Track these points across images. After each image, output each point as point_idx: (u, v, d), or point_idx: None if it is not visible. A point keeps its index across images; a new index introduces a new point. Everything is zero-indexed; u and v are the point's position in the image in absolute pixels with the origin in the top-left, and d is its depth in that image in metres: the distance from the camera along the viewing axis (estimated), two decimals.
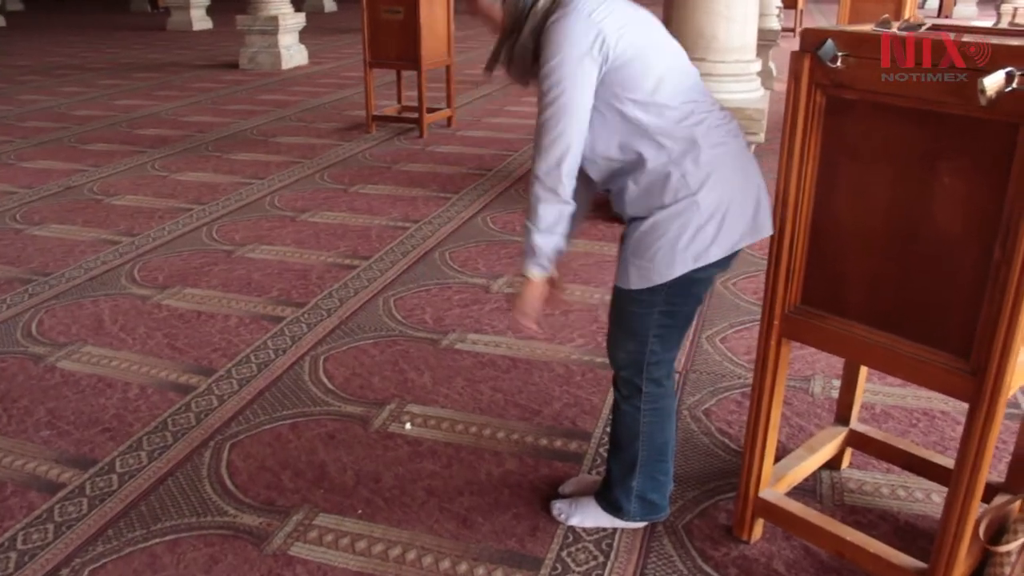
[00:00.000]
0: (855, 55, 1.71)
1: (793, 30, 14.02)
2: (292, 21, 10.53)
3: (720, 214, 1.88)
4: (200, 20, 15.64)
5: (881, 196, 1.77)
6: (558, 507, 2.30)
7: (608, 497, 2.23)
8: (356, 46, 12.17)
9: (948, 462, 2.37)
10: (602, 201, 2.24)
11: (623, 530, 2.24)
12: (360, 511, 2.30)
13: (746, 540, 2.22)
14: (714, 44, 4.32)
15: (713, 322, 3.45)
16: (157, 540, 2.18)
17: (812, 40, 1.76)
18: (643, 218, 1.91)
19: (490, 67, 1.98)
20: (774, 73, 8.45)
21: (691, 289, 1.99)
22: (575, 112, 1.81)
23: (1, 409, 2.80)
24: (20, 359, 3.13)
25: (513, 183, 5.48)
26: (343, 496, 2.37)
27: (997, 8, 17.81)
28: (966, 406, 2.71)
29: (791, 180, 1.87)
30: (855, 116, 1.77)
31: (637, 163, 1.88)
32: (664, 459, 2.20)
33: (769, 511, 2.18)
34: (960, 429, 2.69)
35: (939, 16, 19.00)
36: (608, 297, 2.10)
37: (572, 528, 2.25)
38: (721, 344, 3.27)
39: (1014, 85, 1.51)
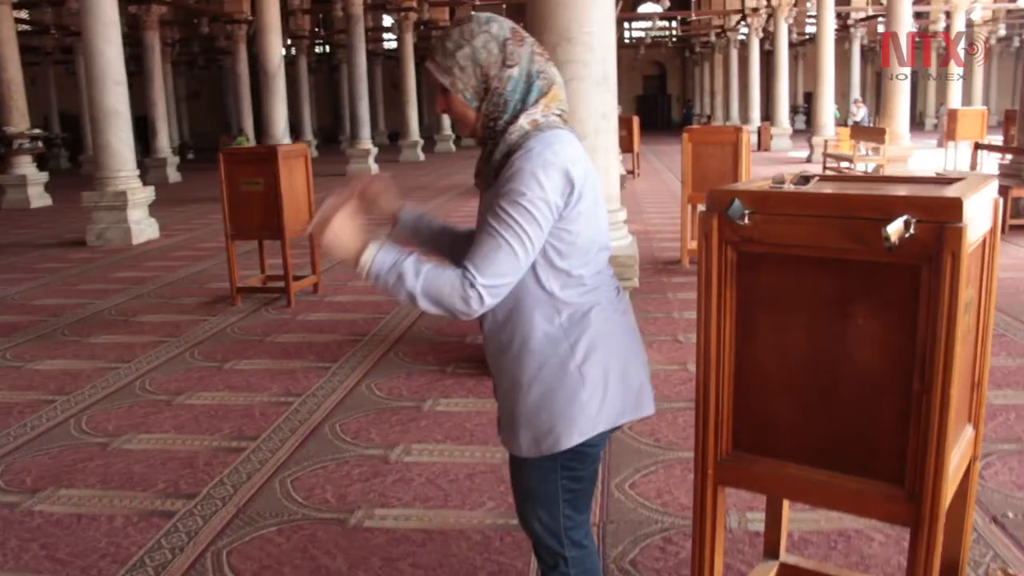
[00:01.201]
0: (760, 211, 1.83)
1: (633, 172, 14.93)
2: (141, 195, 10.32)
3: (603, 387, 1.91)
4: (39, 197, 15.09)
5: (800, 341, 1.86)
6: None
7: None
8: (208, 216, 12.05)
9: None
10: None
11: None
12: None
13: None
14: None
15: (619, 469, 3.46)
16: None
17: (719, 200, 1.87)
18: (523, 382, 1.90)
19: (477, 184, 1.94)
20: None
21: (586, 452, 1.99)
22: (530, 251, 1.77)
23: None
24: None
25: (391, 346, 5.44)
26: None
27: (809, 141, 19.71)
28: (879, 523, 2.83)
29: (711, 333, 1.94)
30: (766, 268, 1.88)
31: (530, 322, 1.87)
32: None
33: None
34: (875, 545, 2.81)
35: (759, 149, 20.76)
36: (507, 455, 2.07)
37: None
38: (631, 490, 3.28)
39: (911, 231, 1.65)
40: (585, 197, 1.82)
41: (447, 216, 12.01)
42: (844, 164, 15.24)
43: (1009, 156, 10.33)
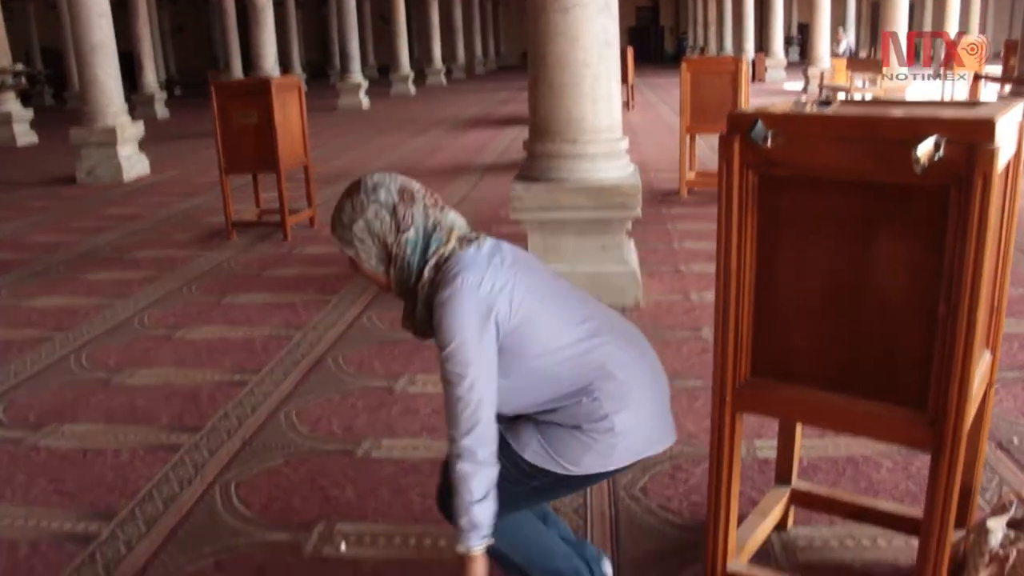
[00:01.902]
0: (784, 133, 1.77)
1: (627, 104, 14.74)
2: (131, 131, 10.13)
3: (629, 434, 1.90)
4: (24, 135, 14.82)
5: (822, 265, 1.83)
6: None
7: None
8: (199, 152, 11.88)
9: (889, 506, 2.45)
10: None
11: None
12: None
13: None
14: (583, 125, 4.43)
15: None
16: None
17: (741, 123, 1.81)
18: (549, 418, 1.92)
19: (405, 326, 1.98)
20: None
21: (576, 485, 2.01)
22: (484, 390, 1.79)
23: None
24: None
25: None
26: None
27: (804, 72, 19.44)
28: (886, 448, 2.84)
29: (731, 258, 1.89)
30: (789, 191, 1.83)
31: (550, 403, 1.90)
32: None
33: None
34: (883, 471, 2.82)
35: (754, 80, 20.48)
36: None
37: None
38: None
39: (941, 153, 1.61)
40: (516, 296, 1.83)
41: (439, 151, 11.87)
42: (840, 96, 15.06)
43: (1009, 87, 10.21)
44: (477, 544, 1.83)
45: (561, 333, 1.87)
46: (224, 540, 2.59)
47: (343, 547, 2.53)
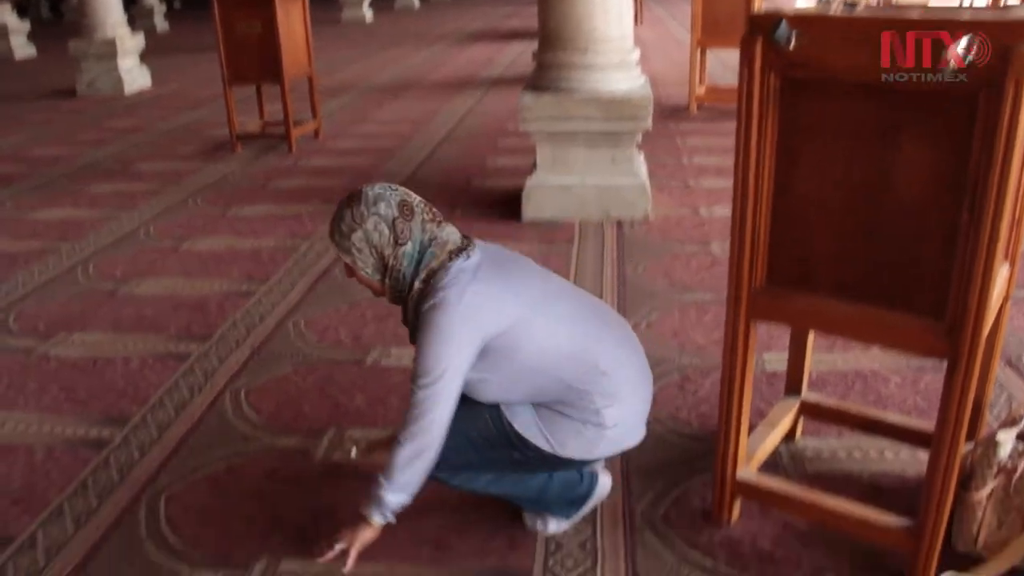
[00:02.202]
0: (808, 35, 1.71)
1: (637, 18, 14.39)
2: (131, 43, 9.92)
3: (616, 428, 1.97)
4: (22, 47, 14.53)
5: (843, 170, 1.78)
6: (530, 518, 2.22)
7: (561, 509, 2.21)
8: (200, 65, 11.66)
9: (898, 419, 2.45)
10: None
11: (603, 530, 2.19)
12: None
13: (727, 522, 2.21)
14: (594, 35, 4.32)
15: (634, 309, 3.45)
16: None
17: (764, 23, 1.74)
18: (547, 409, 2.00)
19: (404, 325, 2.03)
20: None
21: (557, 463, 2.03)
22: (449, 399, 1.85)
23: None
24: None
25: None
26: (302, 537, 2.21)
27: None
28: (894, 363, 2.83)
29: (749, 163, 1.85)
30: (812, 95, 1.77)
31: (542, 397, 1.96)
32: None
33: (748, 491, 2.18)
34: (892, 386, 2.82)
35: None
36: None
37: (552, 537, 2.18)
38: (647, 330, 3.28)
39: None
40: (504, 306, 1.88)
41: (443, 65, 11.64)
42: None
43: None
44: (376, 518, 1.96)
45: (552, 336, 1.91)
46: (235, 445, 2.61)
47: (353, 453, 2.54)
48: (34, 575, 2.10)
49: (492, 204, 4.95)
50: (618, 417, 1.96)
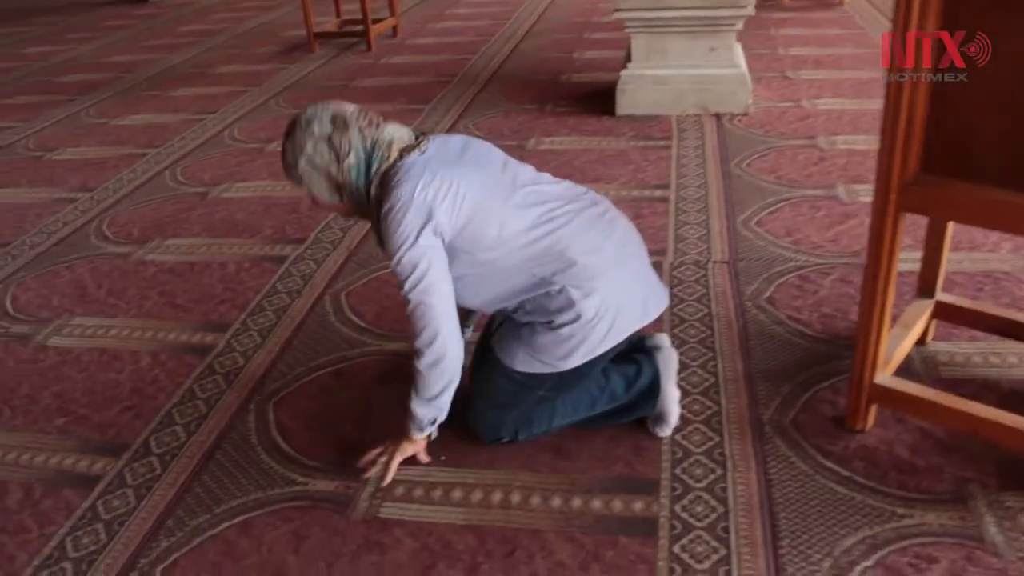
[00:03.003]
0: None
1: None
2: None
3: (606, 316, 1.86)
4: None
5: (1018, 44, 1.55)
6: (649, 424, 2.12)
7: (642, 406, 2.12)
8: None
9: None
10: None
11: (730, 438, 2.07)
12: (443, 456, 2.07)
13: (860, 429, 2.07)
14: None
15: (742, 207, 3.25)
16: (226, 524, 1.93)
17: None
18: (523, 331, 1.93)
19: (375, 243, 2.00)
20: None
21: (580, 375, 1.95)
22: (436, 290, 1.81)
23: (0, 402, 2.46)
24: (4, 342, 2.78)
25: (483, 87, 5.14)
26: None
27: None
28: None
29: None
30: None
31: (518, 295, 1.89)
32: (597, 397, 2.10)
33: (887, 396, 2.02)
34: None
35: None
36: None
37: (675, 441, 2.07)
38: (758, 228, 3.08)
39: None
40: (459, 199, 1.80)
41: None
42: None
43: None
44: (416, 434, 1.97)
45: (511, 223, 1.84)
46: (339, 350, 2.55)
47: None
48: (152, 482, 2.08)
49: (583, 99, 4.72)
50: (599, 306, 1.84)
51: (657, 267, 2.85)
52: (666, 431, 2.10)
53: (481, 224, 1.82)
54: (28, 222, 3.71)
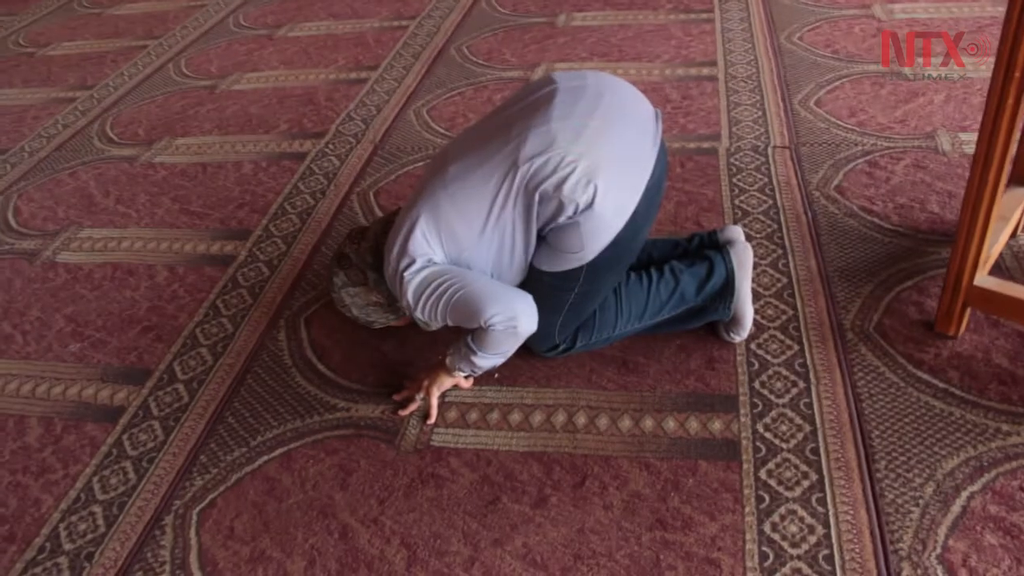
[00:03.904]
0: None
1: None
2: None
3: (608, 196, 1.58)
4: None
5: None
6: (722, 330, 1.93)
7: (715, 308, 1.91)
8: None
9: None
10: None
11: (811, 347, 1.88)
12: (497, 374, 1.89)
13: (953, 335, 1.87)
14: None
15: (797, 85, 2.96)
16: (265, 458, 1.77)
17: None
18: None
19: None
20: None
21: (610, 264, 1.70)
22: (468, 294, 1.63)
23: (10, 327, 2.29)
24: (10, 260, 2.58)
25: None
26: None
27: None
28: None
29: None
30: None
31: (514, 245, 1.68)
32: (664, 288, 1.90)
33: (987, 300, 1.81)
34: None
35: None
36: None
37: (751, 351, 1.88)
38: (818, 108, 2.81)
39: None
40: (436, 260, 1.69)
41: None
42: None
43: None
44: (459, 373, 1.81)
45: (472, 228, 1.63)
46: None
47: None
48: (179, 412, 1.92)
49: None
50: (599, 194, 1.57)
51: (712, 153, 2.62)
52: (742, 335, 1.91)
53: (454, 243, 1.66)
54: (25, 126, 3.46)
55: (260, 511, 1.65)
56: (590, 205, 1.56)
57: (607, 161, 1.58)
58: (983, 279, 1.81)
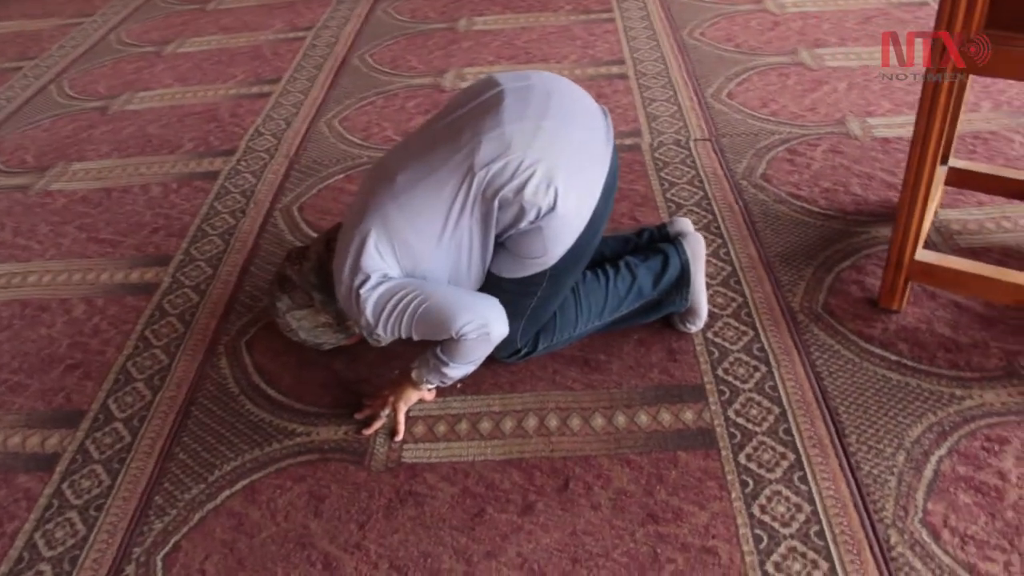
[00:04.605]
0: None
1: None
2: None
3: (568, 197, 1.55)
4: None
5: None
6: (677, 321, 1.94)
7: (672, 300, 1.91)
8: None
9: None
10: None
11: (765, 331, 1.91)
12: (459, 384, 1.84)
13: (896, 309, 1.94)
14: None
15: (707, 79, 3.03)
16: (227, 492, 1.66)
17: None
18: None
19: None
20: None
21: (571, 264, 1.67)
22: (430, 303, 1.57)
23: None
24: None
25: None
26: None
27: None
28: (1012, 122, 2.49)
29: None
30: None
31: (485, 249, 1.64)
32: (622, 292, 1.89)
33: (929, 273, 1.88)
34: (1017, 145, 2.49)
35: None
36: None
37: (708, 340, 1.90)
38: (731, 100, 2.88)
39: None
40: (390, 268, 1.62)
41: None
42: None
43: None
44: (427, 385, 1.75)
45: (427, 239, 1.57)
46: None
47: None
48: (123, 452, 1.78)
49: None
50: (556, 192, 1.53)
51: (636, 149, 2.64)
52: (698, 325, 1.92)
53: (409, 254, 1.59)
54: None
55: (231, 549, 1.55)
56: (552, 208, 1.53)
57: (565, 162, 1.55)
58: (923, 254, 1.88)
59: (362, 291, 1.56)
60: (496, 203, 1.52)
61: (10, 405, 1.94)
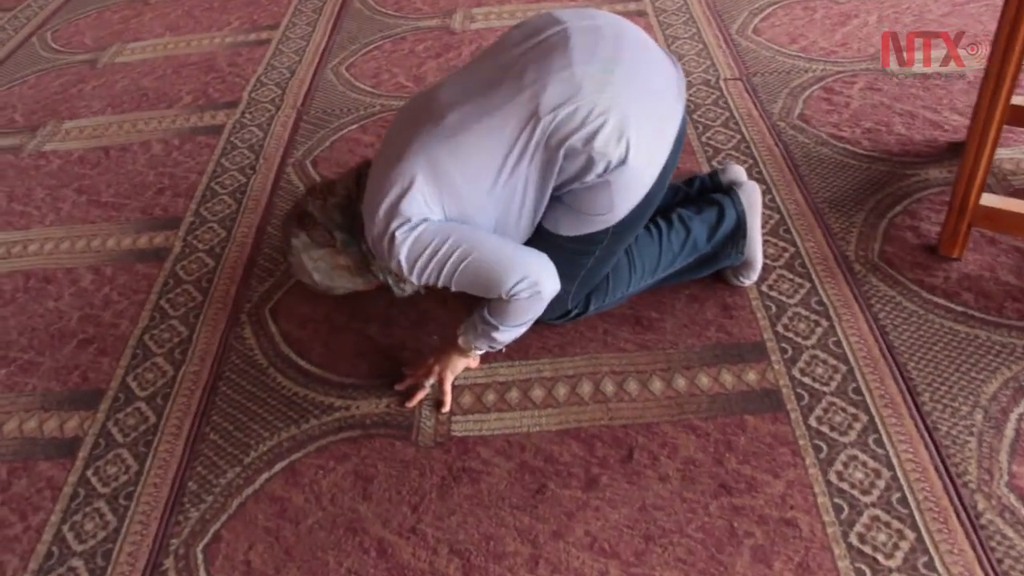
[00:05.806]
0: None
1: None
2: None
3: (640, 149, 1.43)
4: None
5: None
6: (730, 276, 1.83)
7: (728, 253, 1.80)
8: None
9: None
10: None
11: (822, 284, 1.80)
12: (504, 349, 1.72)
13: (957, 257, 1.83)
14: None
15: (730, 15, 2.88)
16: (265, 475, 1.56)
17: None
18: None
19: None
20: None
21: (633, 221, 1.55)
22: (473, 247, 1.44)
23: None
24: None
25: None
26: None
27: None
28: None
29: None
30: None
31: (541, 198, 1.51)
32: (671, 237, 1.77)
33: (992, 218, 1.78)
34: None
35: None
36: None
37: (764, 294, 1.79)
38: (757, 37, 2.73)
39: None
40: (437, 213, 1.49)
41: None
42: None
43: None
44: (477, 352, 1.63)
45: (479, 186, 1.44)
46: None
47: None
48: (149, 434, 1.67)
49: None
50: (630, 146, 1.42)
51: None
52: (752, 278, 1.82)
53: (457, 201, 1.46)
54: None
55: (277, 538, 1.45)
56: (623, 161, 1.40)
57: (637, 112, 1.42)
58: (987, 197, 1.77)
59: (398, 232, 1.42)
60: (562, 152, 1.39)
61: (23, 386, 1.82)
